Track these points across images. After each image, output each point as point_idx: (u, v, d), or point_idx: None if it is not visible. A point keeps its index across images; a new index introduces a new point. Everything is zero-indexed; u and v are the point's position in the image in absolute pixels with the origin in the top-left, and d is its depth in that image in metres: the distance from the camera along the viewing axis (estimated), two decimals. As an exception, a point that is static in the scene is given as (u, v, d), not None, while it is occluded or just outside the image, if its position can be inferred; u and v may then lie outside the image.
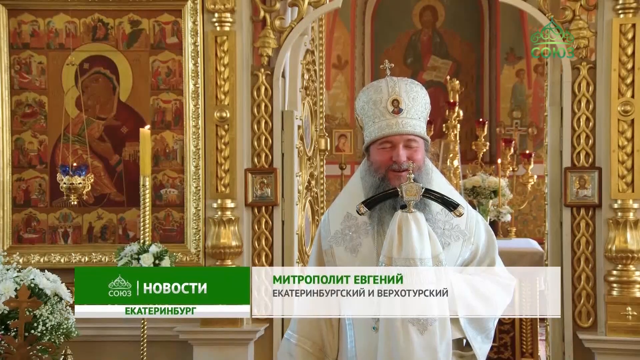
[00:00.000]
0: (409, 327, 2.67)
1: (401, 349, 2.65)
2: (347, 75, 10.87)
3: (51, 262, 4.51)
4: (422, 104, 2.89)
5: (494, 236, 3.04)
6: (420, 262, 2.69)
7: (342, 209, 2.97)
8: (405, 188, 2.73)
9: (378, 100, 2.86)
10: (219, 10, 4.43)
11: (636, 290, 4.24)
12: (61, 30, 4.56)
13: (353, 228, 2.90)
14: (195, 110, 4.49)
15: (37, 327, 3.43)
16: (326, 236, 2.96)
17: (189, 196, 4.51)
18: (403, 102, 2.84)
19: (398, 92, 2.85)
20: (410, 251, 2.69)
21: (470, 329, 2.86)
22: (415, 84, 2.93)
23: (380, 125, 2.84)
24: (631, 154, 4.21)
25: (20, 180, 4.57)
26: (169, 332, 4.45)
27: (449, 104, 8.39)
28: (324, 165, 5.55)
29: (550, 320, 4.48)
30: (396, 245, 2.71)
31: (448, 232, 2.87)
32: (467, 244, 2.90)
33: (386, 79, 2.90)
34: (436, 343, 2.68)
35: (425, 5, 11.10)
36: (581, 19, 4.37)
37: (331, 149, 8.68)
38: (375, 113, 2.86)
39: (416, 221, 2.73)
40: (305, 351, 2.98)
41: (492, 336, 2.96)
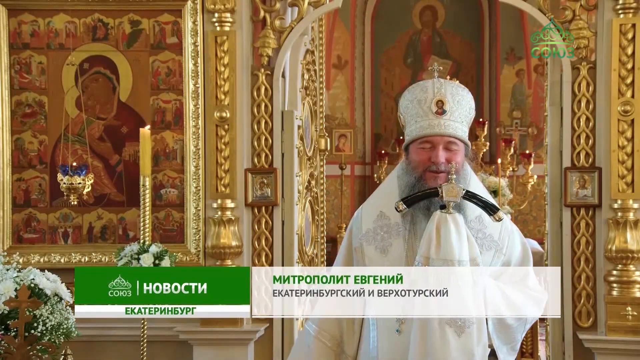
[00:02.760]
0: (446, 328, 2.64)
1: (437, 351, 2.62)
2: (347, 75, 10.87)
3: (51, 262, 4.51)
4: (467, 109, 2.88)
5: (529, 249, 3.01)
6: (459, 263, 2.67)
7: (375, 207, 2.95)
8: (447, 189, 2.71)
9: (423, 100, 2.84)
10: (219, 10, 4.43)
11: (636, 290, 4.24)
12: (61, 30, 4.56)
13: (385, 228, 2.88)
14: (195, 110, 4.49)
15: (37, 327, 3.43)
16: (357, 233, 2.95)
17: (189, 196, 4.51)
18: (448, 103, 2.83)
19: (444, 93, 2.84)
20: (448, 252, 2.67)
21: (497, 338, 2.83)
22: (462, 87, 2.92)
23: (422, 125, 2.83)
24: (631, 154, 4.21)
25: (20, 180, 4.57)
26: (169, 332, 4.45)
27: (449, 104, 8.37)
28: (324, 165, 5.54)
29: (550, 320, 4.47)
30: (434, 245, 2.69)
31: (480, 240, 2.84)
32: (499, 255, 2.88)
33: (433, 80, 2.88)
34: (473, 346, 2.66)
35: (425, 5, 11.10)
36: (581, 19, 4.37)
37: (331, 149, 8.68)
38: (418, 112, 2.85)
39: (455, 222, 2.71)
40: (323, 344, 2.95)
41: (518, 348, 2.94)
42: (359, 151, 10.81)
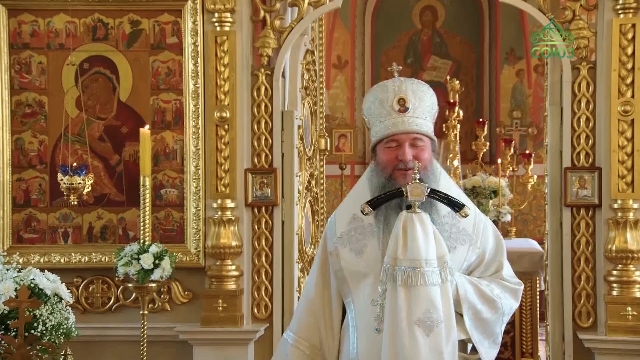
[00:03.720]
0: (415, 328, 2.65)
1: (407, 351, 2.63)
2: (347, 75, 10.86)
3: (51, 262, 4.51)
4: (429, 104, 2.88)
5: (502, 241, 3.03)
6: (426, 263, 2.68)
7: (348, 210, 2.96)
8: (410, 188, 2.72)
9: (384, 100, 2.85)
10: (219, 10, 4.43)
11: (636, 290, 4.24)
12: (61, 30, 4.56)
13: (359, 230, 2.89)
14: (195, 110, 4.49)
15: (37, 327, 3.43)
16: (332, 238, 2.96)
17: (189, 196, 4.51)
18: (409, 101, 2.83)
19: (404, 91, 2.84)
20: (415, 252, 2.68)
21: (477, 333, 2.85)
22: (422, 84, 2.92)
23: (387, 124, 2.84)
24: (631, 154, 4.21)
25: (20, 180, 4.57)
26: (169, 332, 4.45)
27: (449, 104, 8.39)
28: (324, 165, 5.54)
29: (550, 320, 4.47)
30: (401, 246, 2.70)
31: (455, 235, 2.86)
32: (474, 248, 2.89)
33: (393, 79, 2.89)
34: (442, 345, 2.67)
35: (425, 5, 11.09)
36: (581, 19, 4.37)
37: (331, 149, 8.68)
38: (381, 112, 2.85)
39: (421, 222, 2.72)
40: (300, 352, 2.97)
41: (500, 341, 2.95)
42: (359, 151, 10.81)
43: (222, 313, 4.42)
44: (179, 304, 4.56)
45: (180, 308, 4.57)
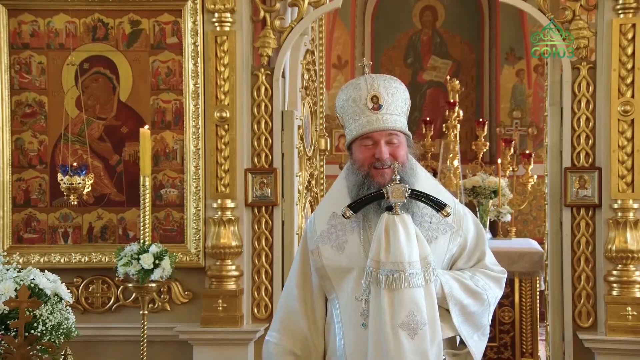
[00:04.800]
0: (399, 332, 2.64)
1: (392, 354, 2.63)
2: (347, 75, 10.85)
3: (51, 262, 4.51)
4: (402, 100, 2.87)
5: (482, 229, 3.03)
6: (409, 265, 2.67)
7: (327, 209, 2.95)
8: (392, 190, 2.71)
9: (357, 98, 2.84)
10: (219, 10, 4.43)
11: (636, 290, 4.24)
12: (61, 30, 4.56)
13: (339, 226, 2.88)
14: (195, 110, 4.49)
15: (37, 327, 3.43)
16: (312, 237, 2.95)
17: (189, 196, 4.51)
18: (382, 98, 2.82)
19: (377, 88, 2.83)
20: (398, 255, 2.67)
21: (465, 328, 2.85)
22: (393, 79, 2.90)
23: (361, 122, 2.82)
24: (631, 154, 4.21)
25: (20, 180, 4.57)
26: (169, 332, 4.45)
27: (449, 104, 8.39)
28: (324, 165, 5.55)
29: (550, 320, 4.48)
30: (384, 249, 2.69)
31: (435, 225, 2.85)
32: (455, 237, 2.89)
33: (364, 76, 2.88)
34: (427, 347, 2.66)
35: (425, 5, 11.09)
36: (581, 19, 4.37)
37: (331, 149, 8.67)
38: (355, 110, 2.84)
39: (403, 223, 2.71)
40: (282, 348, 2.94)
41: (488, 333, 2.95)
42: (359, 151, 10.79)
43: (222, 313, 4.42)
44: (179, 304, 4.57)
45: (180, 308, 4.57)
